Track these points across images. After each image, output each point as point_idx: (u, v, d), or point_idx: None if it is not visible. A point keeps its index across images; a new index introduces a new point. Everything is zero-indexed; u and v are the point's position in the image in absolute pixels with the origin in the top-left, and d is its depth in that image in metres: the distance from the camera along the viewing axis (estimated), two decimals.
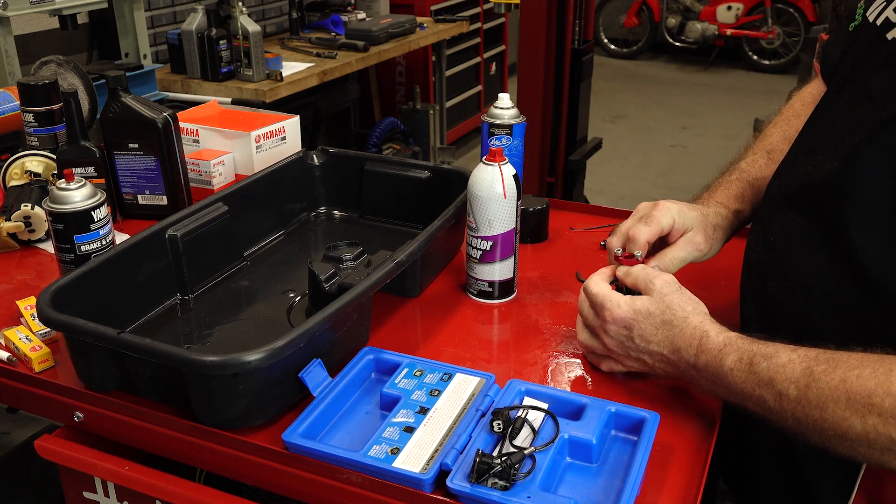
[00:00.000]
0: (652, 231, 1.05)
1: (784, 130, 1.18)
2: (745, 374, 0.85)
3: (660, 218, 1.06)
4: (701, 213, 1.09)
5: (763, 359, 0.84)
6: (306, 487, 0.87)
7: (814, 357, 0.81)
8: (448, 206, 1.21)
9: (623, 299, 0.96)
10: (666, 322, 0.93)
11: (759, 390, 0.83)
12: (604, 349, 1.00)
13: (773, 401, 0.82)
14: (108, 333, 0.90)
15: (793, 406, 0.80)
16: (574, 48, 3.12)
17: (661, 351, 0.93)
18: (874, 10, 0.94)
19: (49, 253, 1.35)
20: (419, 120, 4.35)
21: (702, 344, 0.90)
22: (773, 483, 1.04)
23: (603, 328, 0.98)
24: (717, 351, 0.88)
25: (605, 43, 7.58)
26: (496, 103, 1.30)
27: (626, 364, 0.98)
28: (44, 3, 2.31)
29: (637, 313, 0.95)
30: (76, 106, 1.32)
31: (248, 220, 1.31)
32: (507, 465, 0.79)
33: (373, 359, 1.01)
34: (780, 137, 1.17)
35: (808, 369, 0.80)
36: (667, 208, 1.07)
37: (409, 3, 4.31)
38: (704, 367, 0.89)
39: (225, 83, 2.94)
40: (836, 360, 0.79)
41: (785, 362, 0.82)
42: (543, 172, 3.20)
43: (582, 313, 1.03)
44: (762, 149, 1.18)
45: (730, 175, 1.16)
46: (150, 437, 0.95)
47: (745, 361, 0.85)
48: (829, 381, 0.78)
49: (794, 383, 0.80)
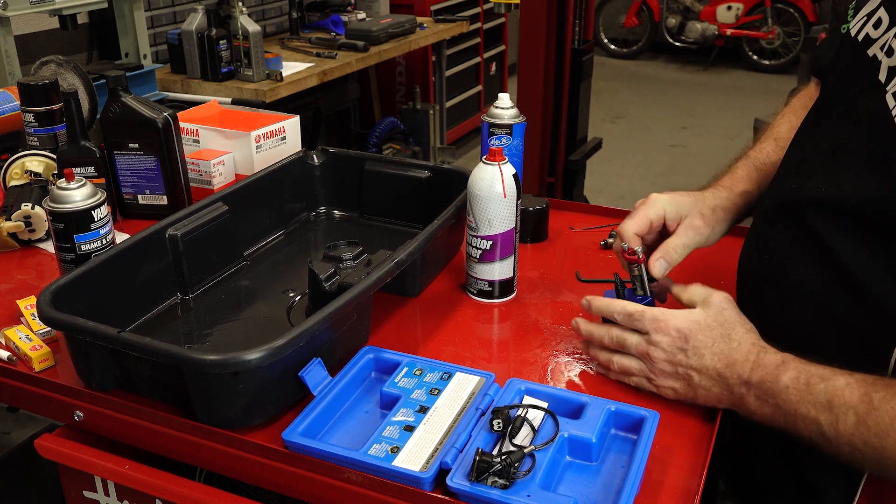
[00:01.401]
0: (638, 223, 1.04)
1: (790, 121, 1.17)
2: (802, 394, 0.83)
3: (646, 210, 1.05)
4: (695, 198, 1.08)
5: (820, 380, 0.82)
6: (306, 486, 0.87)
7: (871, 383, 0.80)
8: (448, 205, 1.21)
9: (679, 311, 0.94)
10: (724, 336, 0.91)
11: (814, 412, 0.82)
12: (641, 368, 0.96)
13: (829, 425, 0.81)
14: (109, 332, 0.90)
15: (850, 432, 0.79)
16: (574, 48, 3.11)
17: (715, 365, 0.90)
18: (856, 23, 0.94)
19: (49, 252, 1.35)
20: (419, 120, 4.36)
21: (759, 359, 0.88)
22: (776, 484, 1.04)
23: (652, 341, 0.94)
24: (774, 367, 0.86)
25: (605, 43, 7.57)
26: (496, 103, 1.30)
27: (663, 384, 0.94)
28: (44, 3, 2.31)
29: (696, 324, 0.92)
30: (76, 106, 1.32)
31: (248, 220, 1.31)
32: (507, 463, 0.79)
33: (373, 358, 1.02)
34: (788, 127, 1.16)
35: (866, 395, 0.79)
36: (655, 199, 1.06)
37: (409, 3, 4.32)
38: (759, 382, 0.87)
39: (225, 83, 2.94)
40: (893, 387, 0.79)
41: (843, 385, 0.81)
42: (543, 172, 3.20)
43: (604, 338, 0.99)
44: (770, 136, 1.17)
45: (735, 163, 1.15)
46: (150, 437, 0.95)
47: (803, 381, 0.83)
48: (889, 409, 0.77)
49: (852, 408, 0.79)
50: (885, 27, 0.89)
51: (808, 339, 0.88)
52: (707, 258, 1.29)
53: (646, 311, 0.95)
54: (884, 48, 0.88)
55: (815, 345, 0.86)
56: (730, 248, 1.14)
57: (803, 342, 0.88)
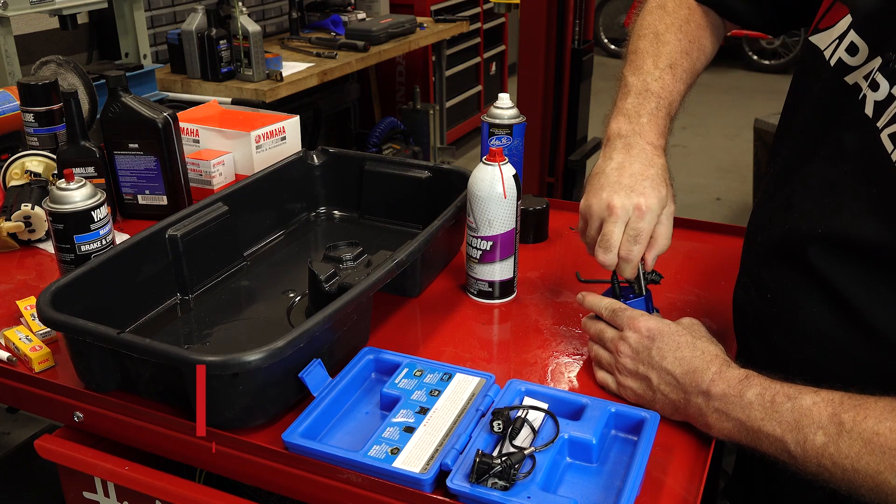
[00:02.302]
0: (644, 249, 1.00)
1: (680, 41, 1.11)
2: (767, 411, 0.82)
3: (648, 229, 0.99)
4: (663, 181, 1.01)
5: (786, 398, 0.82)
6: (306, 487, 0.87)
7: (839, 402, 0.79)
8: (448, 206, 1.21)
9: (654, 317, 0.96)
10: (690, 344, 0.92)
11: (780, 430, 0.81)
12: (609, 361, 0.98)
13: (795, 444, 0.80)
14: (108, 333, 0.90)
15: (818, 453, 0.79)
16: (574, 48, 3.11)
17: (674, 370, 0.90)
18: (828, 46, 0.92)
19: (49, 253, 1.35)
20: (419, 120, 4.36)
21: (722, 371, 0.88)
22: (783, 488, 1.03)
23: (623, 336, 0.96)
24: (737, 381, 0.86)
25: (605, 43, 7.58)
26: (496, 103, 1.30)
27: (625, 382, 0.95)
28: (44, 3, 2.31)
29: (667, 327, 0.94)
30: (76, 106, 1.32)
31: (248, 220, 1.31)
32: (507, 465, 0.79)
33: (373, 359, 1.01)
34: (679, 49, 1.11)
35: (835, 415, 0.78)
36: (650, 212, 0.98)
37: (409, 3, 4.31)
38: (720, 395, 0.86)
39: (225, 83, 2.94)
40: (862, 408, 0.78)
41: (810, 405, 0.80)
42: (543, 172, 3.20)
43: (590, 329, 1.03)
44: (665, 62, 1.10)
45: (647, 100, 1.07)
46: (150, 437, 0.95)
47: (768, 398, 0.83)
48: (861, 431, 0.77)
49: (822, 428, 0.79)
50: (866, 57, 0.87)
51: (828, 377, 0.85)
52: (707, 258, 1.29)
53: (626, 310, 0.98)
54: (868, 79, 0.85)
55: (839, 381, 0.83)
56: (730, 247, 1.14)
57: (823, 381, 0.85)
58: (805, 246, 0.89)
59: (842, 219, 0.86)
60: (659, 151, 1.04)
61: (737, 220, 3.67)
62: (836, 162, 0.88)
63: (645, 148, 1.03)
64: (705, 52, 1.15)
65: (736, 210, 4.29)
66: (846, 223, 0.85)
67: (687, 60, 1.11)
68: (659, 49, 1.11)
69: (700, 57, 1.14)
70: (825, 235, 0.87)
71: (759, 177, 3.72)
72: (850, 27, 0.89)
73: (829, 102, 0.91)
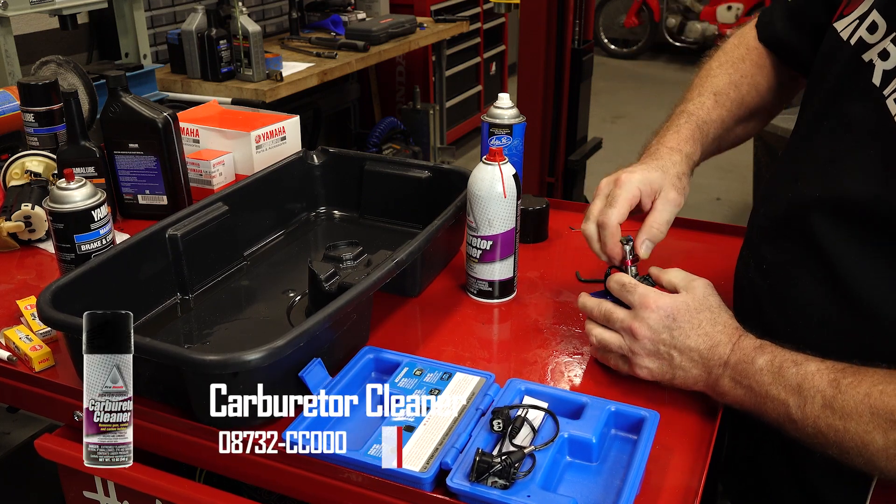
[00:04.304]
0: (620, 212, 1.01)
1: (730, 75, 1.15)
2: (774, 376, 0.85)
3: (624, 195, 1.01)
4: (662, 170, 1.04)
5: (793, 364, 0.84)
6: (306, 486, 0.87)
7: (841, 369, 0.82)
8: (448, 206, 1.21)
9: (666, 293, 0.95)
10: (711, 319, 0.92)
11: (784, 394, 0.83)
12: (621, 344, 0.96)
13: (797, 407, 0.82)
14: None
15: (816, 414, 0.81)
16: (574, 48, 3.12)
17: (699, 346, 0.91)
18: (847, 27, 0.94)
19: (49, 253, 1.35)
20: (419, 120, 4.36)
21: (739, 341, 0.90)
22: (777, 487, 1.04)
23: (640, 316, 0.94)
24: (751, 349, 0.88)
25: (605, 43, 7.57)
26: (496, 103, 1.30)
27: (641, 363, 0.94)
28: (44, 3, 2.31)
29: (684, 305, 0.93)
30: (76, 106, 1.32)
31: (248, 220, 1.31)
32: (507, 463, 0.79)
33: (373, 358, 1.01)
34: (727, 81, 1.14)
35: (834, 380, 0.81)
36: (628, 181, 1.02)
37: (409, 3, 4.32)
38: (735, 363, 0.88)
39: (225, 83, 2.95)
40: (862, 374, 0.80)
41: (814, 371, 0.82)
42: (543, 172, 3.20)
43: (593, 310, 1.00)
44: (709, 90, 1.14)
45: (678, 119, 1.12)
46: (150, 437, 0.95)
47: (777, 364, 0.85)
48: (854, 393, 0.79)
49: (820, 392, 0.81)
50: (883, 33, 0.88)
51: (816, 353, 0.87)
52: (707, 258, 1.29)
53: (638, 286, 0.97)
54: (880, 53, 0.87)
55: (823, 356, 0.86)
56: (730, 247, 1.14)
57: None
58: (806, 214, 0.91)
59: (842, 184, 0.87)
60: (673, 153, 1.07)
61: (737, 220, 3.67)
62: (842, 132, 0.90)
63: (659, 149, 1.07)
64: (758, 89, 1.16)
65: (736, 210, 4.29)
66: (845, 187, 0.87)
67: (734, 91, 1.13)
68: (706, 81, 1.15)
69: (751, 91, 1.15)
70: (825, 200, 0.88)
71: (759, 177, 3.72)
72: (873, 6, 0.91)
73: (843, 80, 0.92)
